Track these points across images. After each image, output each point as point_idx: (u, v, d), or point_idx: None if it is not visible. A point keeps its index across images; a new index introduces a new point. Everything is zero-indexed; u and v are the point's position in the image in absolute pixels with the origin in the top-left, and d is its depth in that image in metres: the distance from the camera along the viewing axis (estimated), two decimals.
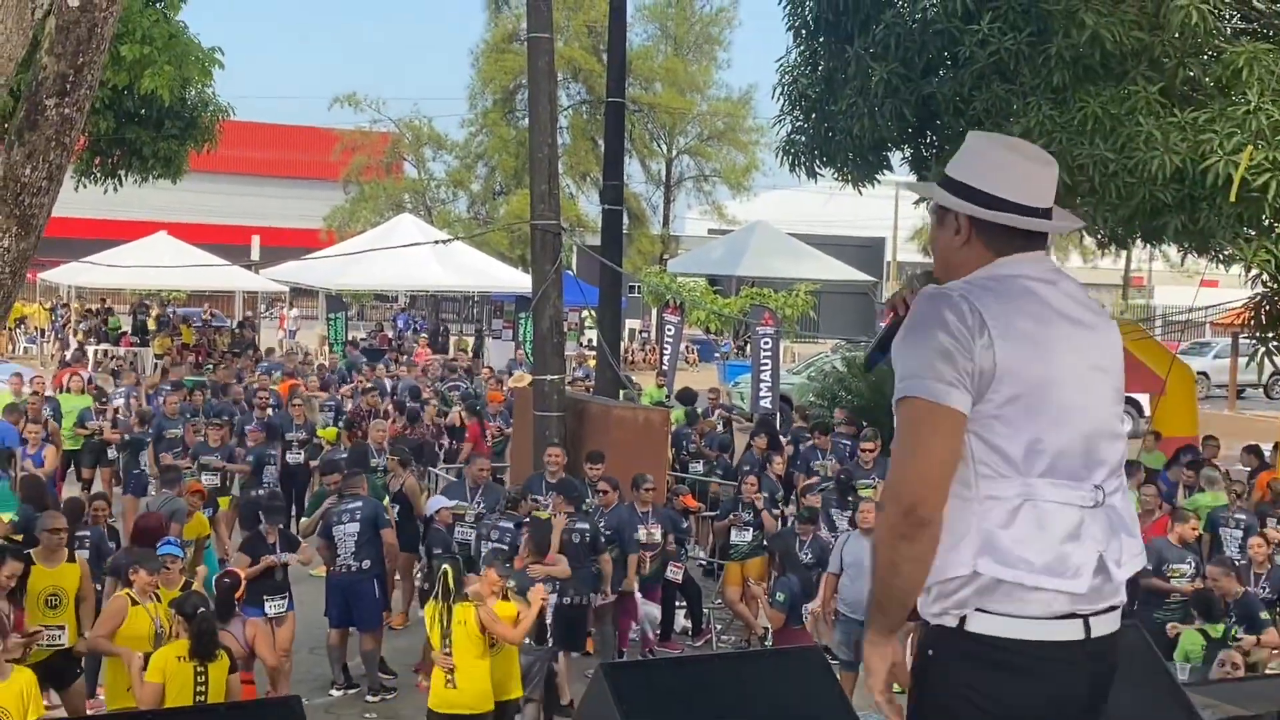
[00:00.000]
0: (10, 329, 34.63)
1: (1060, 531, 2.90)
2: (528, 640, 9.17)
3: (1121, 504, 3.04)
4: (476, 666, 8.58)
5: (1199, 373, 20.83)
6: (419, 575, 12.63)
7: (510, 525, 11.06)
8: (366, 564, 11.04)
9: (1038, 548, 2.88)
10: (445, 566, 8.91)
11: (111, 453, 16.48)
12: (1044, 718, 2.97)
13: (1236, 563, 11.22)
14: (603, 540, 11.15)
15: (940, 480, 2.87)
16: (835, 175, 16.93)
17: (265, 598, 10.20)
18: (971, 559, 2.89)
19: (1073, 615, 2.93)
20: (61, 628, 8.90)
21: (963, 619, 2.92)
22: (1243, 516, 12.54)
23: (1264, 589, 11.01)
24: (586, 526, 11.03)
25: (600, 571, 11.00)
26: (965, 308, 2.89)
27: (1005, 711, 2.93)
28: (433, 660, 8.75)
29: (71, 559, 9.35)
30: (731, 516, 12.92)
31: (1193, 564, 11.02)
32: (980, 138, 3.24)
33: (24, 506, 11.47)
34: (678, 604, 12.77)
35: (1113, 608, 3.02)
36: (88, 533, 10.43)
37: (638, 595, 11.77)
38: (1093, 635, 2.96)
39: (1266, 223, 12.86)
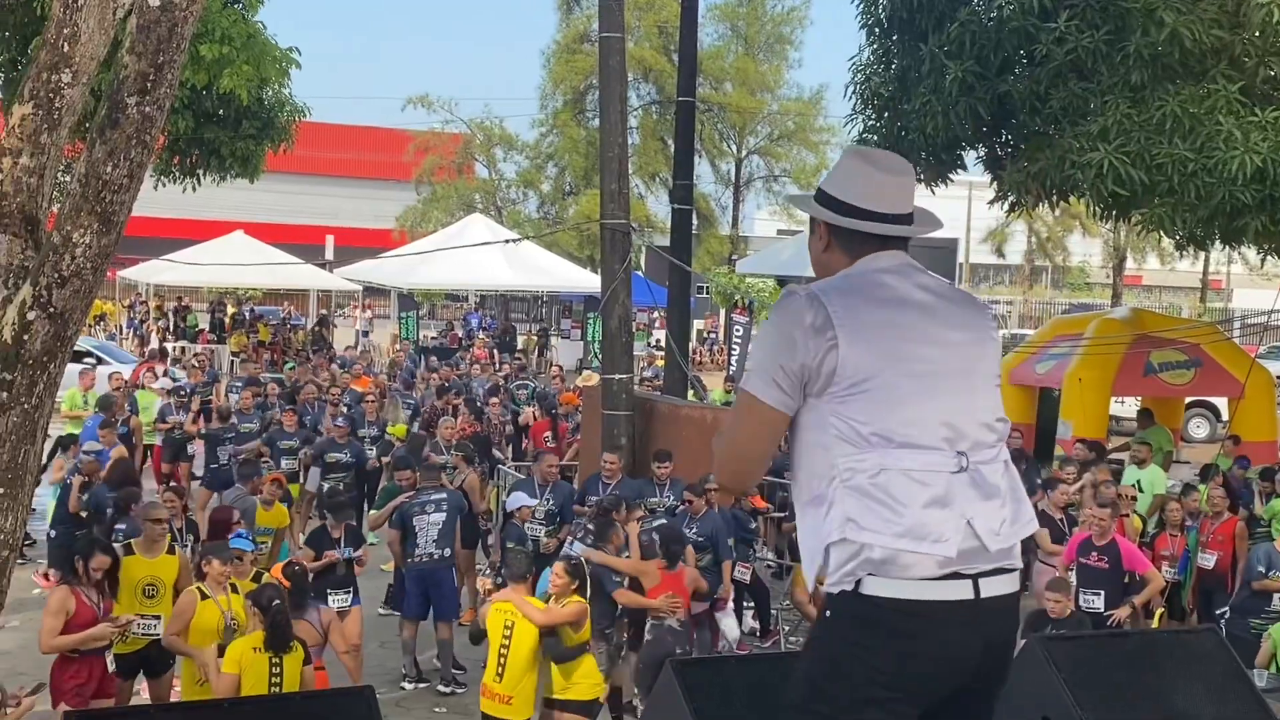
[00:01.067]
0: (90, 326, 35.23)
1: (921, 498, 3.06)
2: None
3: (995, 473, 3.17)
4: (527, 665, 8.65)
5: (1278, 377, 20.51)
6: (486, 569, 12.72)
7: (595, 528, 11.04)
8: (447, 553, 11.22)
9: (897, 515, 3.04)
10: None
11: (191, 448, 16.74)
12: (935, 677, 3.10)
13: None
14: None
15: (737, 468, 3.31)
16: None
17: (329, 591, 10.32)
18: (839, 528, 3.08)
19: (957, 576, 3.05)
20: (157, 618, 9.07)
21: (857, 583, 3.07)
22: None
23: None
24: (655, 527, 11.00)
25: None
26: (809, 306, 3.14)
27: (896, 669, 3.06)
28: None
29: (172, 551, 9.55)
30: None
31: None
32: (846, 153, 3.53)
33: (100, 487, 11.75)
34: (745, 604, 12.73)
35: (1003, 569, 3.14)
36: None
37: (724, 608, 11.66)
38: (983, 595, 3.08)
39: None
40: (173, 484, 13.98)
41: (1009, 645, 3.25)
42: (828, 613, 3.17)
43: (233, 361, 32.92)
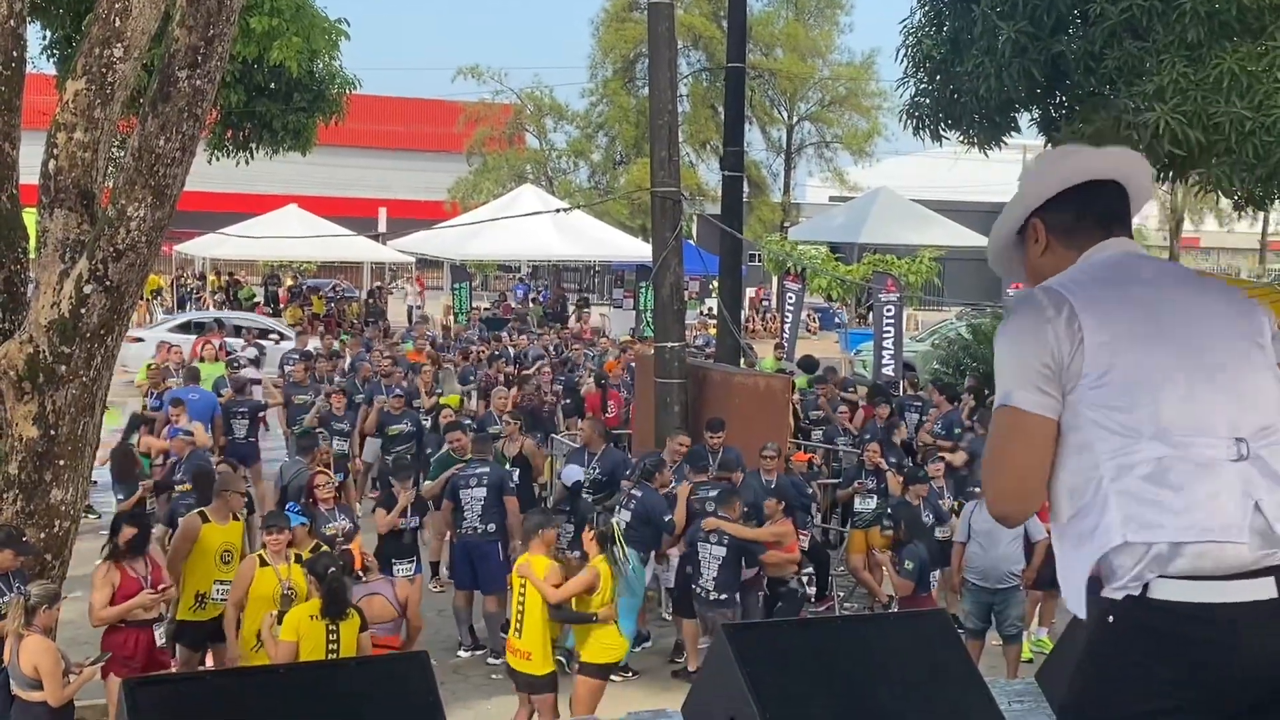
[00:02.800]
0: (147, 300, 35.61)
1: (1202, 486, 2.78)
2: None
3: (1275, 458, 2.86)
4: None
5: None
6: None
7: (640, 493, 11.09)
8: (491, 528, 11.24)
9: (1179, 506, 2.77)
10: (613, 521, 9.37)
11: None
12: (1230, 689, 2.79)
13: None
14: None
15: (1018, 491, 2.95)
16: (960, 138, 16.62)
17: (394, 561, 10.44)
18: (1119, 531, 2.81)
19: (1255, 573, 2.77)
20: (231, 583, 9.29)
21: (1145, 586, 2.80)
22: None
23: None
24: (716, 493, 11.03)
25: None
26: (1048, 300, 2.90)
27: (1187, 680, 2.78)
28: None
29: (236, 518, 9.84)
30: (856, 484, 12.84)
31: None
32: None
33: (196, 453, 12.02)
34: (804, 570, 12.73)
35: None
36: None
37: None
38: None
39: None
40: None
41: None
42: (1110, 619, 2.87)
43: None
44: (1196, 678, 2.77)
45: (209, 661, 9.49)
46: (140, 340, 23.77)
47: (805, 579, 12.69)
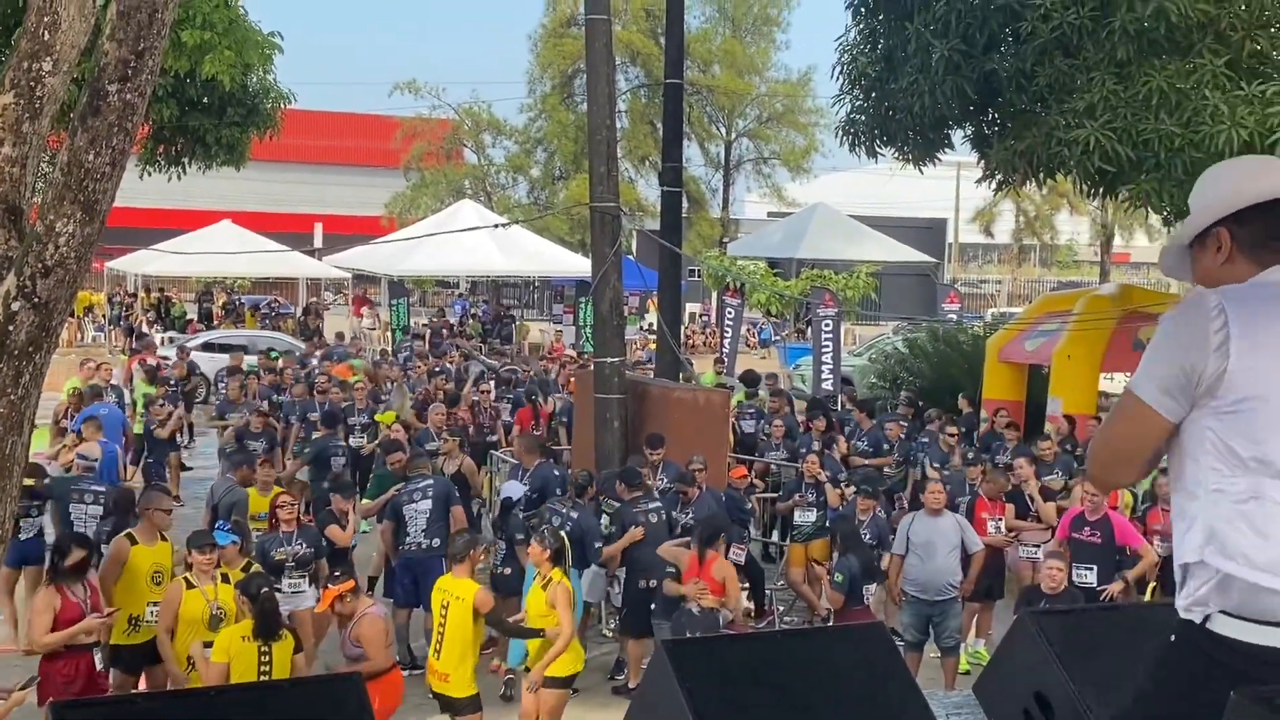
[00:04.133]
0: (79, 317, 35.11)
1: None
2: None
3: None
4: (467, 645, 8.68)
5: None
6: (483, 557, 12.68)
7: (576, 514, 10.98)
8: (436, 542, 11.14)
9: (1261, 545, 2.82)
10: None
11: (180, 438, 16.70)
12: None
13: None
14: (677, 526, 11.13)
15: (1110, 465, 3.12)
16: (896, 154, 16.79)
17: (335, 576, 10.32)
18: (1199, 549, 2.88)
19: None
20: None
21: (1206, 617, 2.87)
22: None
23: None
24: (659, 505, 11.00)
25: None
26: (1211, 313, 2.90)
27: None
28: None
29: (164, 538, 9.66)
30: (796, 497, 12.88)
31: None
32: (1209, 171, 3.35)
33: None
34: (741, 585, 12.73)
35: None
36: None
37: None
38: None
39: None
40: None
41: None
42: (1173, 638, 2.96)
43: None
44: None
45: (143, 684, 9.34)
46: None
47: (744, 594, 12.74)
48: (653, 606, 10.40)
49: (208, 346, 26.95)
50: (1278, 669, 2.77)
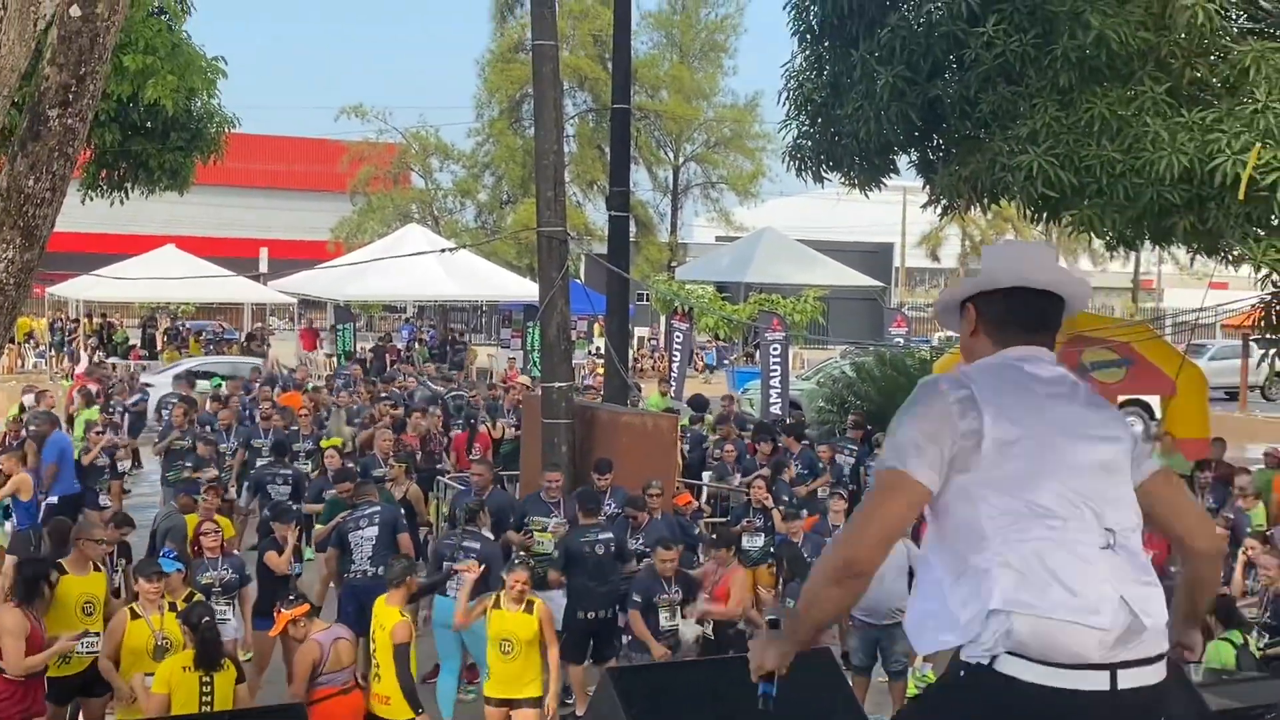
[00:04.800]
0: (19, 343, 34.63)
1: (1075, 571, 3.02)
2: None
3: (1139, 554, 3.14)
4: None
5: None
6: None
7: (476, 546, 10.64)
8: (383, 570, 11.01)
9: (1053, 587, 3.01)
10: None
11: (122, 465, 16.47)
12: None
13: None
14: (630, 552, 11.07)
15: (881, 543, 3.16)
16: (842, 179, 16.88)
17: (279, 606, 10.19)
18: (993, 599, 3.04)
19: (1098, 666, 2.98)
20: (98, 634, 8.99)
21: (993, 659, 3.03)
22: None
23: None
24: (610, 536, 10.94)
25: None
26: (953, 386, 3.19)
27: None
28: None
29: (98, 569, 9.47)
30: (744, 522, 12.88)
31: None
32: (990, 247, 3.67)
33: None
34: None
35: (1146, 660, 3.05)
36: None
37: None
38: (1120, 687, 3.00)
39: (1275, 222, 12.77)
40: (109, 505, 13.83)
41: None
42: (961, 674, 3.12)
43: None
44: None
45: (81, 717, 9.19)
46: (150, 386, 23.63)
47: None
48: (627, 639, 10.33)
49: (190, 375, 26.49)
50: (1052, 706, 2.98)
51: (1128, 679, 3.01)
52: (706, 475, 16.17)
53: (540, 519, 11.77)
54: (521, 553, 11.17)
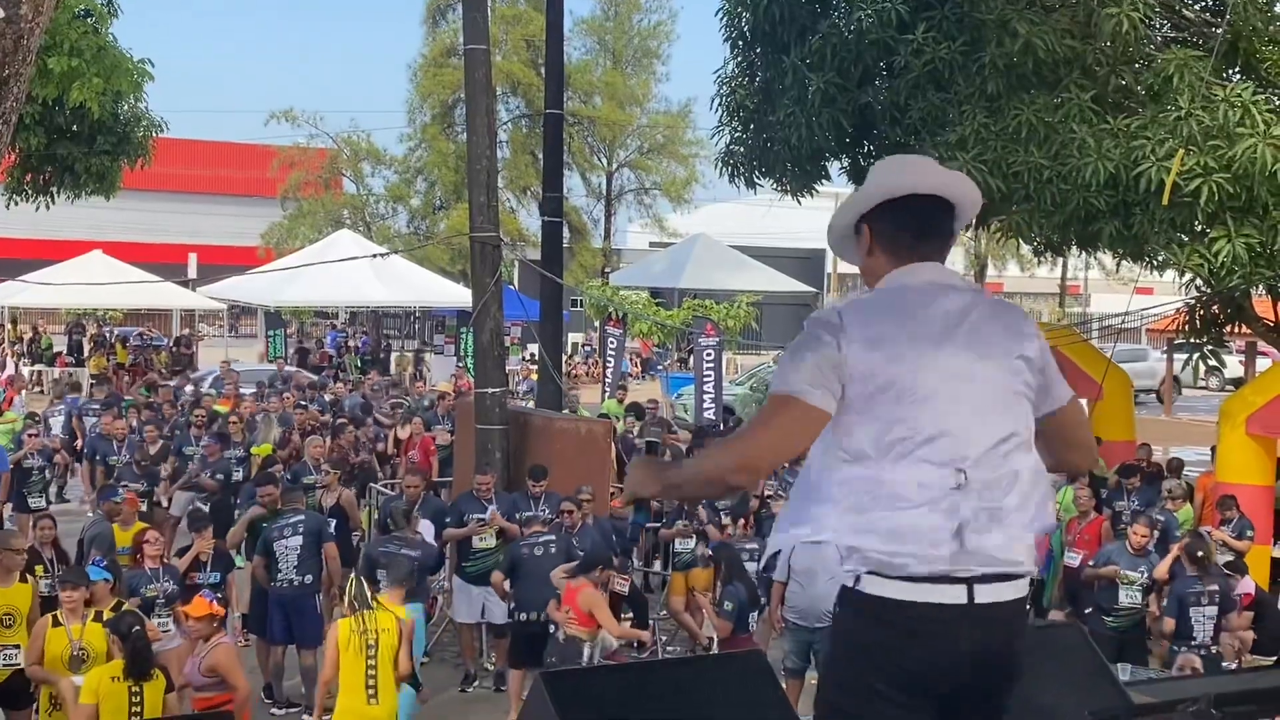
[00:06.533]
0: None
1: (914, 505, 3.11)
2: None
3: (999, 485, 3.17)
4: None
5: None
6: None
7: (413, 554, 10.62)
8: (309, 579, 10.94)
9: (890, 518, 3.11)
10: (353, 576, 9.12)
11: (48, 474, 16.21)
12: (927, 678, 3.16)
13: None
14: (577, 552, 11.06)
15: (774, 450, 3.22)
16: (774, 186, 16.97)
17: None
18: (834, 528, 3.19)
19: (950, 579, 3.11)
20: (16, 647, 8.84)
21: (857, 579, 3.18)
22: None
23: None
24: (553, 538, 10.92)
25: None
26: (828, 318, 3.21)
27: (891, 666, 3.15)
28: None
29: (24, 579, 9.27)
30: (678, 525, 12.90)
31: (1144, 572, 11.09)
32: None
33: None
34: (624, 615, 12.68)
35: (1004, 575, 3.16)
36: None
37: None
38: (977, 601, 3.12)
39: (1198, 227, 13.01)
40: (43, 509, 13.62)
41: (1008, 652, 3.24)
42: (836, 608, 3.31)
43: (92, 385, 31.99)
44: (898, 665, 3.15)
45: None
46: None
47: (627, 623, 12.69)
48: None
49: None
50: (910, 619, 3.12)
51: (985, 594, 3.13)
52: None
53: (478, 515, 11.77)
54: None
